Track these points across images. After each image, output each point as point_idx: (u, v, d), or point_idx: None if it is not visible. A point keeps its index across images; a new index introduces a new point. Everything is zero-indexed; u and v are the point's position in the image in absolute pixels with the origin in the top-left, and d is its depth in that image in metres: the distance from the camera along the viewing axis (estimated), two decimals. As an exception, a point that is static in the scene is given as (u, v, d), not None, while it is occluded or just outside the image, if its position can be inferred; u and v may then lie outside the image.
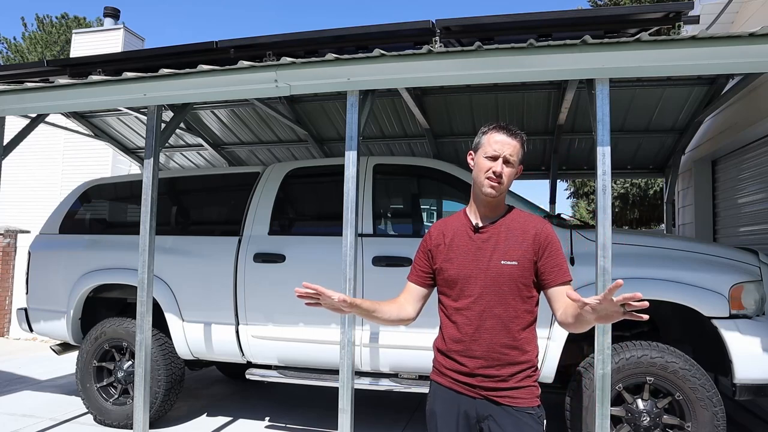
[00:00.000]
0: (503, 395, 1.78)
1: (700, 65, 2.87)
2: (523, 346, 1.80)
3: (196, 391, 5.62)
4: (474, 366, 1.79)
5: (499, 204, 1.89)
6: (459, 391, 1.83)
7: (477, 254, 1.83)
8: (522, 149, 1.86)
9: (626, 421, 3.32)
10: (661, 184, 10.65)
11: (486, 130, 1.88)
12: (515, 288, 1.79)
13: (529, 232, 1.83)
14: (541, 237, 1.83)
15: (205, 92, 3.53)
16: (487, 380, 1.78)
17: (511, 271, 1.78)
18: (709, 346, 3.49)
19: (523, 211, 1.92)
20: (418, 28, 3.88)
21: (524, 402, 1.77)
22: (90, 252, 4.63)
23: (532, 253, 1.81)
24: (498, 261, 1.79)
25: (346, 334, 3.18)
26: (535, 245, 1.81)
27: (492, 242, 1.83)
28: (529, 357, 1.81)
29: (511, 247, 1.81)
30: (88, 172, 8.61)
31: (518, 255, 1.79)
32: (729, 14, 5.24)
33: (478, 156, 1.86)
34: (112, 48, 9.78)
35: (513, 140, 1.82)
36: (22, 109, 3.98)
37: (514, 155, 1.82)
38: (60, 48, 22.37)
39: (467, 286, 1.82)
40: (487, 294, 1.79)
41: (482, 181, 1.82)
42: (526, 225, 1.85)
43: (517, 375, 1.78)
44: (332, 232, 3.98)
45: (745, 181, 5.36)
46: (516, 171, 1.85)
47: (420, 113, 4.85)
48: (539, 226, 1.85)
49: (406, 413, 4.84)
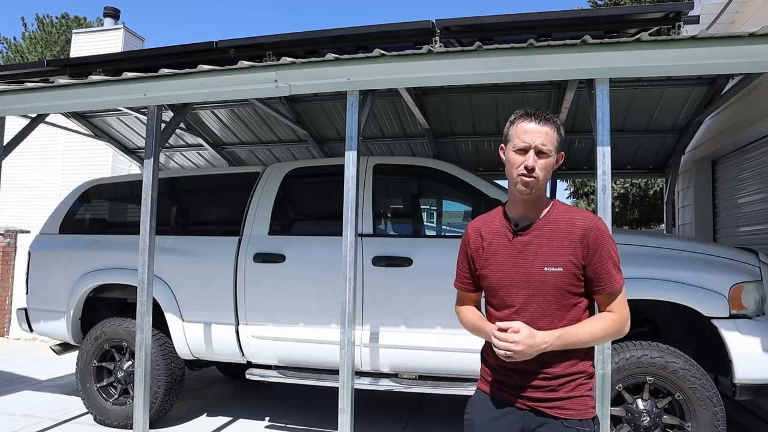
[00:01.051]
0: (552, 406, 1.61)
1: (700, 65, 2.87)
2: (573, 357, 1.63)
3: (196, 391, 5.62)
4: (522, 378, 1.64)
5: (539, 200, 1.68)
6: (505, 400, 1.68)
7: (517, 260, 1.65)
8: (557, 135, 1.64)
9: (626, 421, 3.31)
10: (661, 184, 10.65)
11: (513, 120, 1.67)
12: (561, 297, 1.60)
13: (575, 231, 1.61)
14: (590, 238, 1.60)
15: (205, 92, 3.53)
16: (535, 390, 1.63)
17: (556, 278, 1.59)
18: (709, 346, 3.49)
19: (569, 205, 1.71)
20: (418, 28, 3.88)
21: (576, 414, 1.60)
22: (90, 252, 4.63)
23: (580, 257, 1.60)
24: (541, 268, 1.61)
25: (346, 334, 3.18)
26: (583, 247, 1.60)
27: (534, 246, 1.63)
28: (581, 368, 1.64)
29: (556, 250, 1.61)
30: (88, 172, 8.61)
31: (564, 260, 1.60)
32: (729, 14, 5.24)
33: (508, 150, 1.67)
34: (112, 48, 9.78)
35: (544, 127, 1.61)
36: (22, 109, 3.99)
37: (547, 144, 1.60)
38: (60, 48, 22.37)
39: (508, 295, 1.65)
40: (530, 305, 1.61)
41: (514, 179, 1.63)
42: (572, 223, 1.62)
43: (568, 384, 1.61)
44: (332, 232, 3.98)
45: (745, 181, 5.36)
46: (553, 161, 1.63)
47: (420, 113, 4.86)
48: (588, 224, 1.62)
49: (406, 413, 4.84)
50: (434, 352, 3.70)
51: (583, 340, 1.60)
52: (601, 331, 1.61)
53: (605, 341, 1.69)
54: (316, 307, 3.93)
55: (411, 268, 3.78)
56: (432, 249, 3.85)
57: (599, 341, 1.62)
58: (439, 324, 3.70)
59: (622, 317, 1.65)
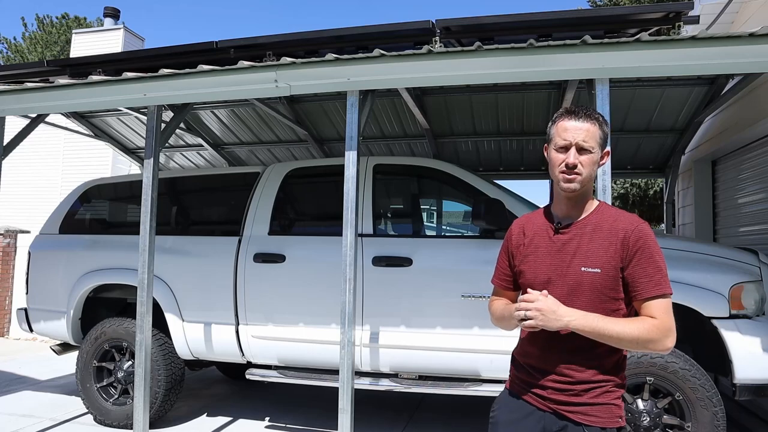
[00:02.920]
0: (575, 411, 1.56)
1: (700, 65, 2.87)
2: (605, 365, 1.58)
3: (196, 391, 5.62)
4: (549, 379, 1.61)
5: (584, 199, 1.64)
6: (529, 401, 1.65)
7: (556, 257, 1.62)
8: (600, 130, 1.61)
9: (626, 421, 3.32)
10: (661, 184, 10.64)
11: (555, 118, 1.68)
12: (597, 300, 1.55)
13: (617, 233, 1.56)
14: (630, 240, 1.54)
15: (205, 92, 3.53)
16: (558, 393, 1.59)
17: (593, 279, 1.55)
18: (709, 346, 3.49)
19: (615, 207, 1.67)
20: (418, 28, 3.88)
21: (599, 421, 1.55)
22: (90, 252, 4.63)
23: (619, 259, 1.54)
24: (578, 267, 1.57)
25: (346, 334, 3.18)
26: (623, 250, 1.54)
27: (574, 244, 1.60)
28: (607, 377, 1.59)
29: (595, 250, 1.57)
30: (88, 172, 8.62)
31: (603, 261, 1.55)
32: (729, 14, 5.23)
33: (550, 149, 1.67)
34: (112, 48, 9.79)
35: (585, 123, 1.59)
36: (22, 109, 3.99)
37: (589, 140, 1.58)
38: (60, 48, 22.36)
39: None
40: (566, 305, 1.55)
41: (557, 177, 1.62)
42: (615, 224, 1.58)
43: (593, 390, 1.57)
44: (332, 232, 3.98)
45: (745, 181, 5.36)
46: (597, 158, 1.60)
47: (420, 113, 4.86)
48: (630, 226, 1.57)
49: (406, 413, 4.84)
50: (434, 352, 3.70)
51: (611, 333, 1.48)
52: (635, 330, 1.48)
53: (639, 348, 1.52)
54: (316, 307, 3.94)
55: (411, 268, 3.78)
56: (432, 249, 3.85)
57: (632, 344, 1.50)
58: (440, 324, 3.70)
59: (664, 326, 1.51)
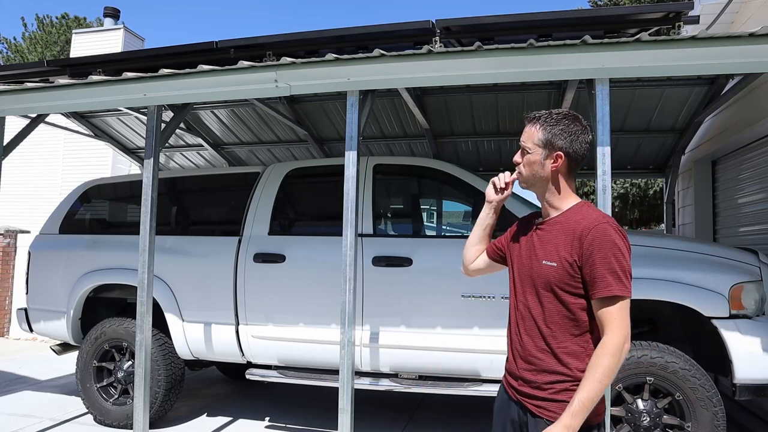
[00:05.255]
0: (538, 404, 1.64)
1: (700, 65, 2.87)
2: (562, 356, 1.62)
3: (196, 391, 5.62)
4: (518, 367, 1.72)
5: (552, 198, 1.73)
6: (508, 393, 1.77)
7: (530, 251, 1.75)
8: (542, 132, 1.69)
9: (626, 421, 3.31)
10: (661, 184, 10.64)
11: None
12: (551, 291, 1.65)
13: (576, 231, 1.62)
14: (586, 239, 1.58)
15: (205, 92, 3.53)
16: (526, 385, 1.68)
17: (548, 272, 1.65)
18: (709, 346, 3.49)
19: (593, 208, 1.70)
20: (418, 28, 3.88)
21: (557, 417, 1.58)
22: (90, 252, 4.63)
23: (576, 256, 1.60)
24: (541, 260, 1.68)
25: (346, 334, 3.18)
26: (580, 247, 1.59)
27: (545, 240, 1.71)
28: (567, 370, 1.62)
29: (555, 245, 1.66)
30: (88, 172, 8.62)
31: (559, 256, 1.63)
32: (729, 14, 5.23)
33: None
34: (112, 48, 9.79)
35: (527, 125, 1.74)
36: (22, 109, 3.98)
37: (526, 141, 1.73)
38: (60, 48, 22.36)
39: (518, 282, 1.78)
40: (530, 294, 1.71)
41: None
42: (578, 223, 1.63)
43: (554, 385, 1.62)
44: (332, 232, 3.98)
45: (745, 181, 5.36)
46: (537, 158, 1.69)
47: (420, 113, 4.85)
48: (590, 225, 1.60)
49: (406, 413, 4.84)
50: (434, 352, 3.70)
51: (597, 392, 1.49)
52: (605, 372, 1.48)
53: (617, 369, 1.53)
54: (316, 307, 3.94)
55: (411, 268, 3.78)
56: (432, 249, 3.85)
57: (613, 376, 1.51)
58: (439, 324, 3.70)
59: (615, 342, 1.50)
